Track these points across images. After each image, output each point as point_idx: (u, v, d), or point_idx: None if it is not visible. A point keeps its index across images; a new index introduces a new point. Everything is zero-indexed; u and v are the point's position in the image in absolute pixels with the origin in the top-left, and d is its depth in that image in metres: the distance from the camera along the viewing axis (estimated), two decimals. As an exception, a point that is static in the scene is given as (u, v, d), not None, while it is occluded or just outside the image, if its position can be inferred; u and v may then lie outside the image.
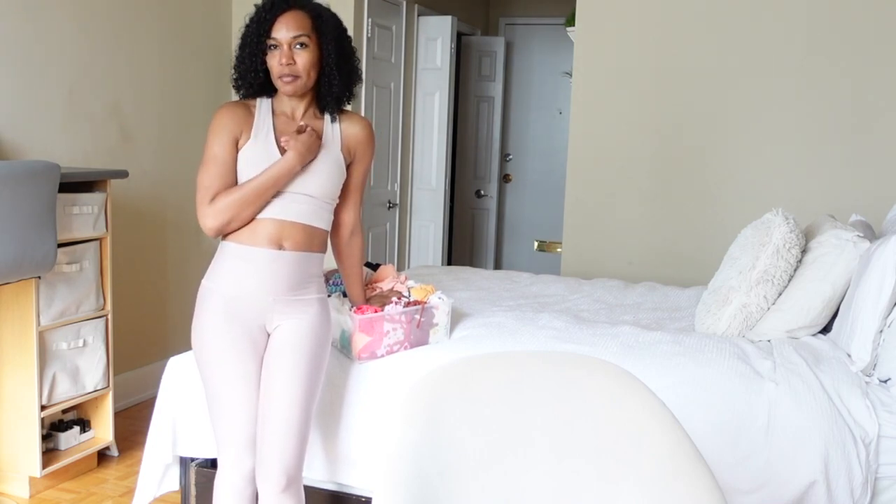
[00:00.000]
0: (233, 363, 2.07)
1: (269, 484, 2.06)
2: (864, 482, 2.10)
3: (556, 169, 6.54)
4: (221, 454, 2.11)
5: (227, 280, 2.08)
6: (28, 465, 3.01)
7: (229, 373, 2.07)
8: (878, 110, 3.93)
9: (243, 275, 2.07)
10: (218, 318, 2.06)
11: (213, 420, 2.12)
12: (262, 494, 2.08)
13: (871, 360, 2.36)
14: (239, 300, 2.07)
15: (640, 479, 1.37)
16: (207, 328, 2.07)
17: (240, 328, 2.07)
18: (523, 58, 6.86)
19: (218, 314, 2.06)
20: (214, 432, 2.12)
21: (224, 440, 2.09)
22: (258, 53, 2.08)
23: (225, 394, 2.07)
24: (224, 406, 2.08)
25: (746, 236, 2.83)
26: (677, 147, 4.25)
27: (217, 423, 2.10)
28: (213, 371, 2.08)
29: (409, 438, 1.37)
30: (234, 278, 2.07)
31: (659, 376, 2.27)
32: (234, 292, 2.07)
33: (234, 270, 2.08)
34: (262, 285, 2.07)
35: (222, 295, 2.07)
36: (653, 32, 4.25)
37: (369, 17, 4.82)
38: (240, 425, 2.07)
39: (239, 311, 2.07)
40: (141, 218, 3.97)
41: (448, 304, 2.55)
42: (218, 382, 2.08)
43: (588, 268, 4.40)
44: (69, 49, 3.50)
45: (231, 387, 2.07)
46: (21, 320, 2.96)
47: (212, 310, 2.07)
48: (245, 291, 2.07)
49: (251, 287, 2.07)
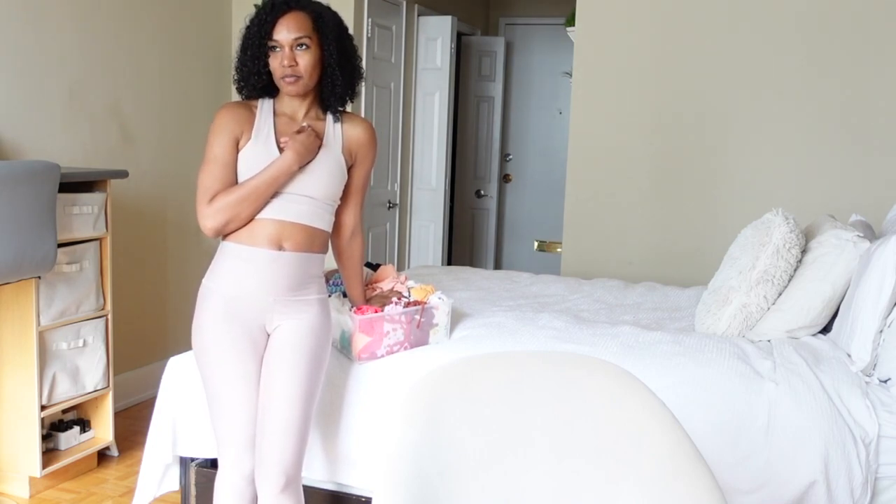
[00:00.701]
0: (233, 363, 2.07)
1: (268, 484, 2.06)
2: (864, 482, 2.10)
3: (556, 169, 6.54)
4: (222, 454, 2.11)
5: (228, 280, 2.08)
6: (28, 465, 3.01)
7: (229, 373, 2.07)
8: (878, 110, 3.93)
9: (243, 275, 2.07)
10: (218, 318, 2.06)
11: (213, 420, 2.12)
12: (262, 494, 2.08)
13: (871, 360, 2.36)
14: (239, 300, 2.07)
15: (640, 479, 1.37)
16: (207, 328, 2.07)
17: (240, 328, 2.07)
18: (523, 58, 6.86)
19: (218, 314, 2.06)
20: (214, 432, 2.12)
21: (224, 440, 2.10)
22: (261, 55, 2.08)
23: (225, 394, 2.08)
24: (224, 406, 2.08)
25: (746, 236, 2.83)
26: (677, 147, 4.25)
27: (217, 422, 2.11)
28: (214, 371, 2.08)
29: (409, 438, 1.37)
30: (234, 278, 2.07)
31: (659, 376, 2.27)
32: (234, 292, 2.07)
33: (234, 270, 2.08)
34: (262, 285, 2.07)
35: (222, 295, 2.07)
36: (653, 32, 4.25)
37: (369, 17, 4.82)
38: (240, 425, 2.08)
39: (239, 311, 2.07)
40: (141, 218, 3.97)
41: (448, 305, 2.55)
42: (218, 382, 2.08)
43: (588, 268, 4.40)
44: (69, 49, 3.50)
45: (231, 387, 2.07)
46: (21, 320, 2.96)
47: (212, 309, 2.07)
48: (245, 291, 2.07)
49: (251, 287, 2.07)
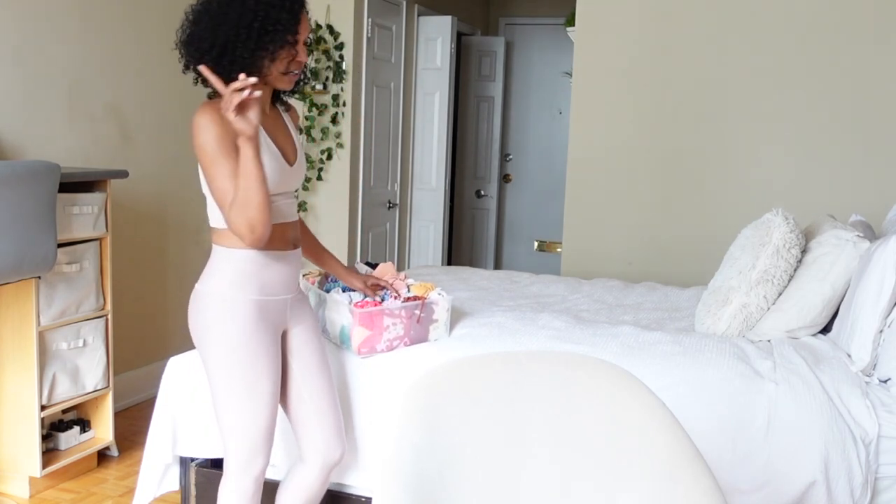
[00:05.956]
0: (264, 365, 2.04)
1: (331, 456, 2.16)
2: (864, 482, 2.10)
3: (556, 169, 6.54)
4: (232, 456, 2.07)
5: (255, 286, 2.03)
6: (28, 465, 3.01)
7: (261, 371, 2.04)
8: (878, 110, 3.92)
9: (271, 278, 2.06)
10: (249, 325, 2.02)
11: (228, 421, 2.06)
12: (314, 471, 2.16)
13: (871, 360, 2.36)
14: (268, 304, 2.05)
15: (639, 478, 1.37)
16: (234, 334, 2.01)
17: (268, 330, 2.05)
18: (523, 58, 6.86)
19: (249, 321, 2.02)
20: (228, 434, 2.07)
21: (240, 439, 2.05)
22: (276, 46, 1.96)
23: (257, 392, 2.04)
24: (249, 404, 2.04)
25: (746, 236, 2.83)
26: (677, 147, 4.25)
27: (235, 422, 2.05)
28: (243, 371, 2.02)
29: (408, 438, 1.37)
30: (261, 283, 2.04)
31: (659, 376, 2.27)
32: (263, 297, 2.04)
33: (260, 275, 2.04)
34: (285, 286, 2.09)
35: (254, 301, 2.03)
36: (653, 32, 4.25)
37: (369, 17, 4.82)
38: (263, 423, 2.06)
39: (268, 313, 2.05)
40: (141, 218, 3.97)
41: (448, 301, 2.56)
42: (249, 382, 2.03)
43: (588, 268, 4.40)
44: (69, 49, 3.50)
45: (262, 385, 2.04)
46: (21, 320, 2.96)
47: (242, 316, 2.01)
48: (273, 294, 2.06)
49: (278, 289, 2.07)
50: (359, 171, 4.90)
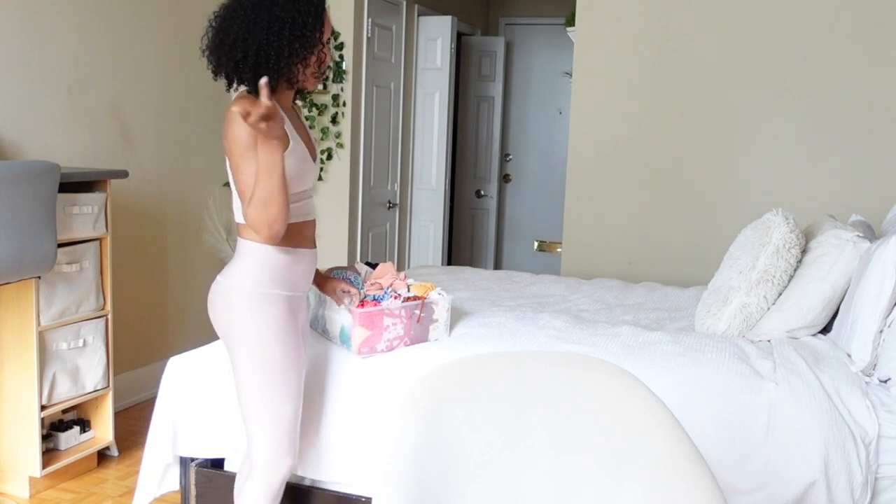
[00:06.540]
0: (293, 361, 2.08)
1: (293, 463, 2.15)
2: (864, 482, 2.10)
3: (556, 169, 6.55)
4: (263, 454, 2.07)
5: (286, 282, 2.07)
6: (28, 465, 3.01)
7: (291, 369, 2.07)
8: (878, 110, 3.93)
9: (300, 276, 2.11)
10: (281, 322, 2.05)
11: (258, 420, 2.06)
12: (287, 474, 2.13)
13: (871, 360, 2.36)
14: (297, 300, 2.12)
15: (640, 478, 1.37)
16: (271, 332, 2.04)
17: (296, 326, 2.10)
18: (523, 58, 6.86)
19: (280, 317, 2.05)
20: (258, 433, 2.06)
21: (269, 438, 2.06)
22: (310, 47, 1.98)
23: (288, 391, 2.07)
24: (279, 405, 2.05)
25: (746, 236, 2.83)
26: (677, 147, 4.25)
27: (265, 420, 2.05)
28: (274, 369, 2.04)
29: (409, 438, 1.37)
30: (293, 280, 2.09)
31: (659, 376, 2.27)
32: (293, 292, 2.09)
33: (289, 270, 2.07)
34: (308, 284, 2.16)
35: (286, 297, 2.07)
36: (653, 33, 4.25)
37: (369, 17, 4.82)
38: (294, 422, 2.09)
39: (296, 310, 2.11)
40: (141, 218, 3.97)
41: (448, 301, 2.56)
42: (277, 381, 2.05)
43: (588, 268, 4.40)
44: (69, 49, 3.50)
45: (295, 382, 2.09)
46: (21, 320, 2.97)
47: (278, 313, 2.04)
48: (299, 290, 2.12)
49: (302, 285, 2.13)
50: (359, 171, 4.90)
